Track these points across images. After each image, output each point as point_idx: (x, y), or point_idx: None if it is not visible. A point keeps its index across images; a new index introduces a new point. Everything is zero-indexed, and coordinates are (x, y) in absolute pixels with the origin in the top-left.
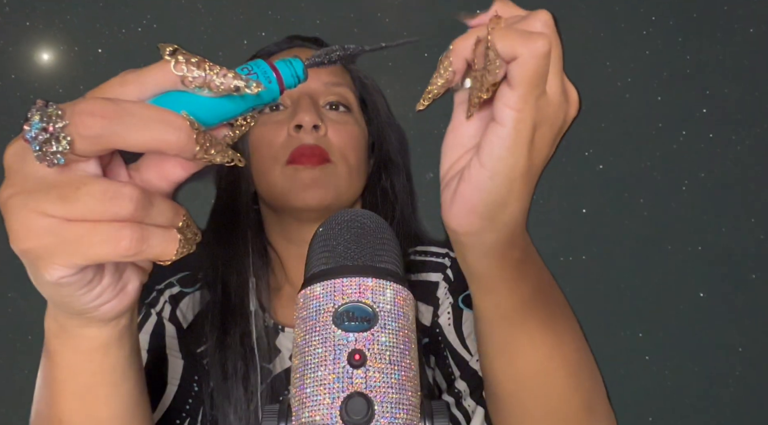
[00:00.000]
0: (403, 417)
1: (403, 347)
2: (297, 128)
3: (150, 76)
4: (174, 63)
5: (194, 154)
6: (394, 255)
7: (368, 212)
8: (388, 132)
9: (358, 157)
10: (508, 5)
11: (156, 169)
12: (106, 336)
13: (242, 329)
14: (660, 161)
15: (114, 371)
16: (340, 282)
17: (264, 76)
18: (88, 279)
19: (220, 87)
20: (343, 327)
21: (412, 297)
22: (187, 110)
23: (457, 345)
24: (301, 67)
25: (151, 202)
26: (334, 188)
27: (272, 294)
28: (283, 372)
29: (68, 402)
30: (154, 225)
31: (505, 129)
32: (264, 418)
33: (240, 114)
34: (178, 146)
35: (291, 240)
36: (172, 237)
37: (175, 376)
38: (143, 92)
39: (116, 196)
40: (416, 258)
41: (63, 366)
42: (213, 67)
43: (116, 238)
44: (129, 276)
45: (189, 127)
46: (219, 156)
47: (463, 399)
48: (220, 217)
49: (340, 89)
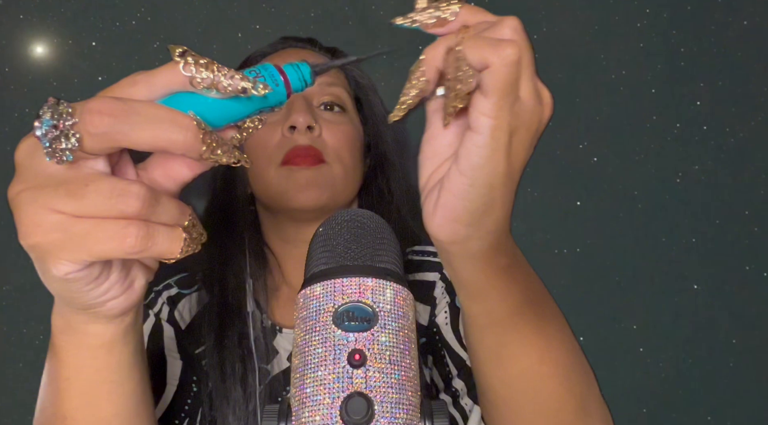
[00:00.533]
0: (403, 417)
1: (403, 347)
2: (291, 129)
3: (159, 77)
4: (183, 64)
5: (200, 154)
6: (394, 255)
7: (368, 212)
8: (384, 131)
9: (353, 157)
10: (476, 11)
11: (163, 168)
12: (111, 333)
13: (240, 330)
14: (654, 154)
15: (118, 369)
16: (340, 282)
17: (271, 78)
18: (95, 275)
19: (228, 88)
20: (343, 327)
21: (412, 297)
22: (195, 111)
23: (455, 344)
24: (308, 71)
25: (157, 201)
26: (329, 188)
27: (270, 295)
28: (281, 374)
29: (72, 400)
30: (160, 224)
31: (481, 136)
32: (264, 418)
33: (247, 116)
34: (184, 145)
35: (287, 241)
36: (177, 236)
37: (173, 377)
38: (152, 92)
39: (123, 193)
40: (414, 258)
41: (68, 362)
42: (221, 69)
43: (122, 235)
44: (136, 274)
45: (196, 126)
46: (225, 156)
47: (460, 397)
48: (217, 218)
49: (335, 89)
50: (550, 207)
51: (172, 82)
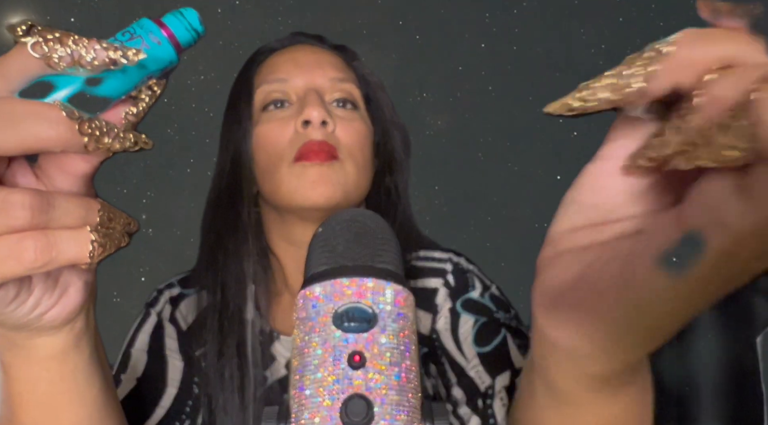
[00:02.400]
0: (403, 418)
1: (403, 348)
2: (305, 124)
3: (10, 65)
4: (31, 43)
5: (84, 146)
6: (395, 255)
7: (369, 212)
8: (392, 130)
9: (365, 155)
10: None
11: (55, 165)
12: (61, 343)
13: (239, 337)
14: None
15: (75, 377)
16: (340, 282)
17: (150, 37)
18: (12, 295)
19: (94, 62)
20: (343, 328)
21: (413, 298)
22: (65, 96)
23: (453, 350)
24: (195, 16)
25: (50, 204)
26: (342, 186)
27: (271, 301)
28: (276, 382)
29: (29, 414)
30: (62, 229)
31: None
32: (264, 420)
33: (135, 86)
34: (59, 141)
35: (293, 243)
36: (84, 238)
37: (175, 378)
38: (9, 84)
39: (5, 206)
40: (417, 264)
41: (19, 379)
42: (79, 41)
43: (17, 251)
44: (67, 279)
45: (66, 117)
46: (117, 142)
47: (458, 407)
48: (219, 219)
49: (347, 85)
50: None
51: (27, 67)
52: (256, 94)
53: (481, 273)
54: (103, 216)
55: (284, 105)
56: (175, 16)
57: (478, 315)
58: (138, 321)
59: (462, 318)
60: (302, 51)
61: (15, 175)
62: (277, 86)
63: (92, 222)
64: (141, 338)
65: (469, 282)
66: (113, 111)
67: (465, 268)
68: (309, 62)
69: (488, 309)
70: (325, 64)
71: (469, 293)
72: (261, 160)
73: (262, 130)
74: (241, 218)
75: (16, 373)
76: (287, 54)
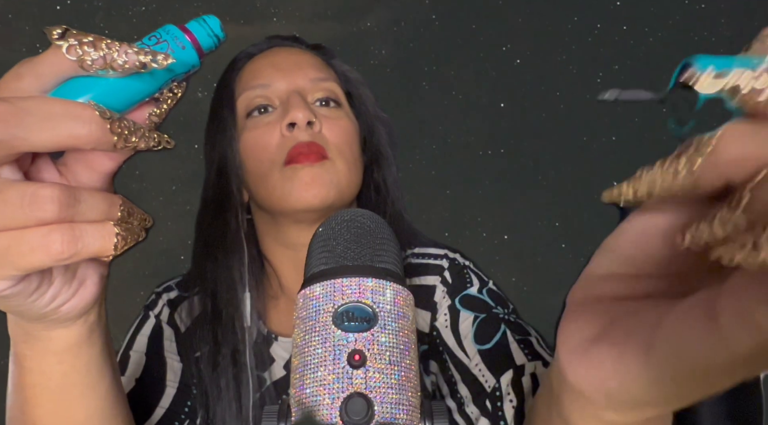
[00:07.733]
0: (403, 417)
1: (403, 347)
2: (290, 127)
3: (45, 65)
4: (66, 47)
5: (113, 145)
6: (394, 255)
7: (368, 212)
8: (377, 125)
9: (353, 152)
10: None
11: (82, 162)
12: (75, 336)
13: (233, 345)
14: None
15: (87, 370)
16: (340, 282)
17: (175, 42)
18: (35, 285)
19: (125, 65)
20: (343, 327)
21: (412, 298)
22: (95, 97)
23: (455, 347)
24: (217, 23)
25: (77, 198)
26: (335, 186)
27: (268, 304)
28: (272, 385)
29: (42, 406)
30: (87, 222)
31: (731, 342)
32: (264, 418)
33: (160, 88)
34: (91, 140)
35: (288, 246)
36: (108, 232)
37: (173, 379)
38: (43, 84)
39: (35, 199)
40: (413, 261)
41: (33, 370)
42: (111, 45)
43: (46, 243)
44: (85, 272)
45: (99, 116)
46: (143, 142)
47: (465, 405)
48: (208, 230)
49: (328, 84)
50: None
51: (61, 68)
52: (238, 101)
53: (477, 269)
54: (124, 211)
55: (268, 110)
56: (198, 22)
57: (476, 311)
58: (136, 323)
59: (462, 315)
60: (280, 54)
61: (39, 170)
62: (260, 92)
63: (114, 217)
64: (140, 340)
65: (466, 278)
66: (138, 111)
67: (461, 265)
68: (288, 65)
69: (487, 305)
70: (305, 64)
71: (467, 290)
72: (251, 167)
73: (248, 136)
74: (230, 226)
75: (31, 364)
76: (266, 58)
